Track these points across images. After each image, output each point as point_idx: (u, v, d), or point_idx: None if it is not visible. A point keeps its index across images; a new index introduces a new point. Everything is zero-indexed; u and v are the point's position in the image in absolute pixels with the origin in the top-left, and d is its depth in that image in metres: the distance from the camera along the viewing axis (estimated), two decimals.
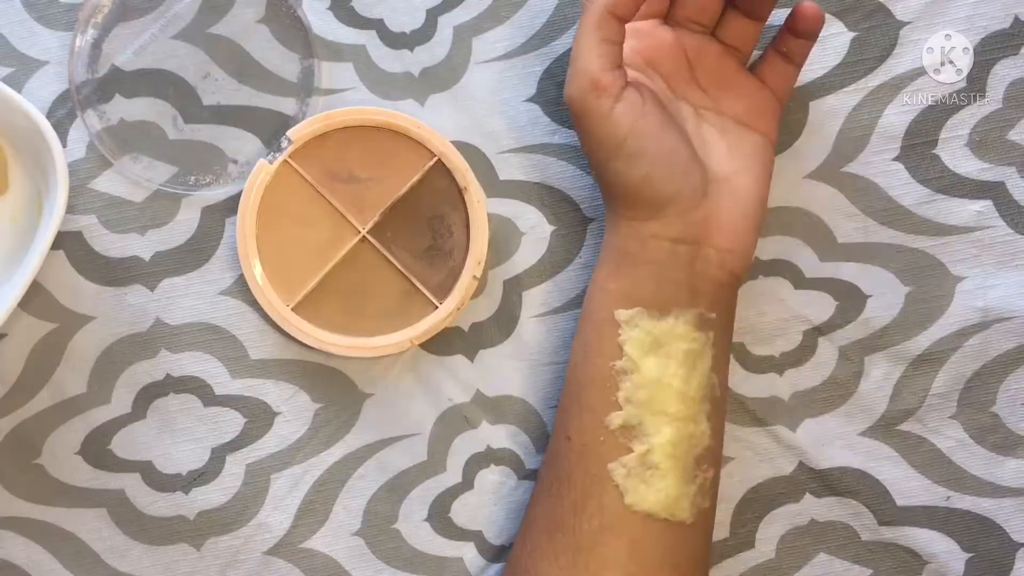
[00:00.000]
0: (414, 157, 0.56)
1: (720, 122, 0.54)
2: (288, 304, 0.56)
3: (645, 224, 0.52)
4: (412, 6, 0.58)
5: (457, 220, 0.56)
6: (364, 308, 0.56)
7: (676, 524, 0.51)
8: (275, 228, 0.56)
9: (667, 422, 0.51)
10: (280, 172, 0.56)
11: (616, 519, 0.50)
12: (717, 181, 0.52)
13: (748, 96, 0.54)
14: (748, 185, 0.53)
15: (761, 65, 0.55)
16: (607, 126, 0.51)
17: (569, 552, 0.51)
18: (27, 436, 0.57)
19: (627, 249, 0.53)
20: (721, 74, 0.54)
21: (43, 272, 0.57)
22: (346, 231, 0.56)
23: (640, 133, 0.51)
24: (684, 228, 0.52)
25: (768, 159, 0.54)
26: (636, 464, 0.50)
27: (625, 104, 0.51)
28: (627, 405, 0.51)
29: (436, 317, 0.56)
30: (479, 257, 0.56)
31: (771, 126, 0.54)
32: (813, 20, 0.52)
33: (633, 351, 0.51)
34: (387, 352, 0.56)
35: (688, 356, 0.51)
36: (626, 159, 0.51)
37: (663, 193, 0.51)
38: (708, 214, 0.52)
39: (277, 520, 0.58)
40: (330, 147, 0.56)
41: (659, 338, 0.51)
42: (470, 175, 0.56)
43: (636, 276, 0.52)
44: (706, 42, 0.54)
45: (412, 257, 0.56)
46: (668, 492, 0.50)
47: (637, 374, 0.51)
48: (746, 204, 0.53)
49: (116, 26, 0.57)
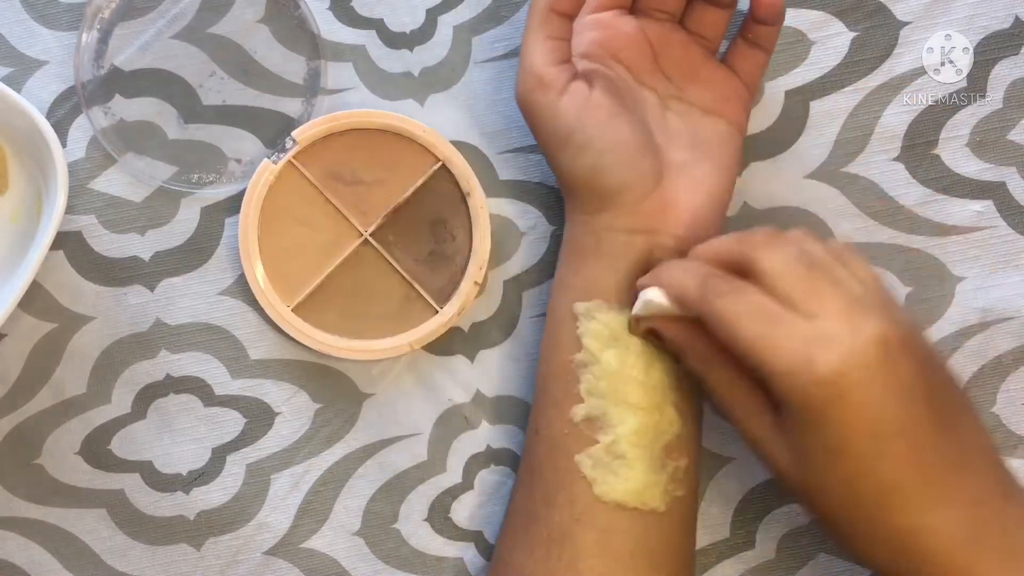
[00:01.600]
0: (418, 161, 0.56)
1: (685, 110, 0.54)
2: (289, 305, 0.56)
3: (597, 216, 0.52)
4: (412, 6, 0.58)
5: (459, 225, 0.56)
6: (364, 311, 0.56)
7: (647, 513, 0.51)
8: (277, 228, 0.56)
9: (630, 412, 0.51)
10: (283, 172, 0.56)
11: (586, 510, 0.51)
12: (674, 168, 0.52)
13: (715, 84, 0.54)
14: (708, 172, 0.53)
15: (730, 53, 0.55)
16: (554, 120, 0.51)
17: (543, 544, 0.51)
18: (27, 436, 0.57)
19: (583, 244, 0.53)
20: (686, 62, 0.54)
21: (43, 272, 0.57)
22: (348, 233, 0.56)
23: (585, 125, 0.51)
24: (636, 218, 0.52)
25: (734, 146, 0.54)
26: (603, 454, 0.51)
27: (570, 97, 0.51)
28: (589, 397, 0.51)
29: (436, 322, 0.56)
30: (481, 263, 0.56)
31: (739, 113, 0.54)
32: (769, 7, 0.52)
33: (591, 343, 0.51)
34: (386, 355, 0.56)
35: (647, 346, 0.51)
36: (573, 151, 0.51)
37: (611, 184, 0.52)
38: (663, 203, 0.52)
39: (277, 520, 0.58)
40: (334, 149, 0.56)
41: (616, 330, 0.51)
42: (474, 180, 0.56)
43: (594, 270, 0.52)
44: (671, 30, 0.54)
45: (414, 261, 0.56)
46: (636, 481, 0.50)
47: (596, 366, 0.51)
48: (705, 190, 0.53)
49: (117, 25, 0.57)
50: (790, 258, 0.45)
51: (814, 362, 0.42)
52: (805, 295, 0.44)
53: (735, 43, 0.55)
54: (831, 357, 0.42)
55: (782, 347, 0.43)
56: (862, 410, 0.42)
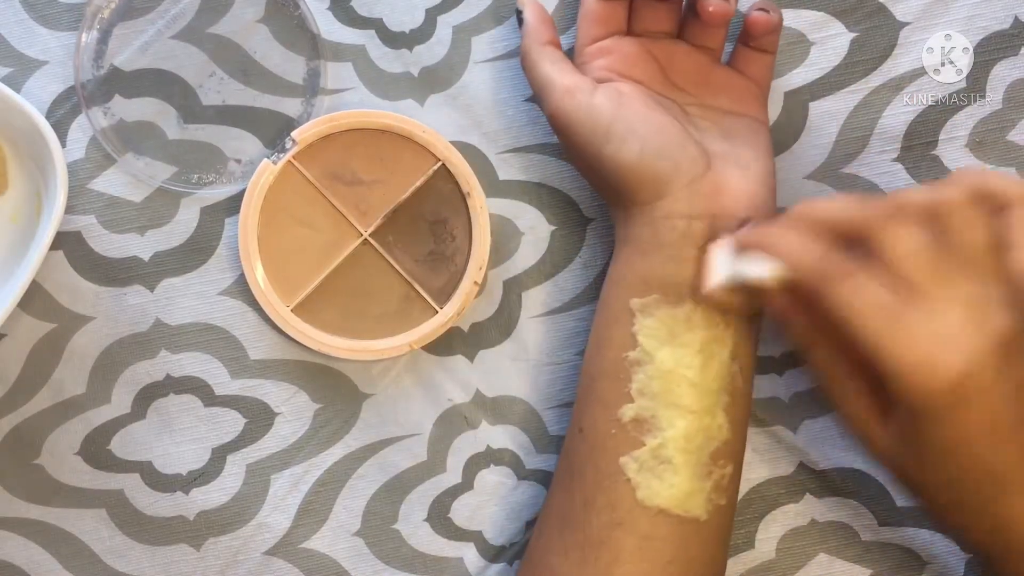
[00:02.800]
0: (418, 161, 0.56)
1: (708, 113, 0.54)
2: (288, 305, 0.56)
3: (654, 205, 0.51)
4: (411, 5, 0.58)
5: (459, 225, 0.56)
6: (364, 311, 0.56)
7: (689, 521, 0.50)
8: (277, 229, 0.56)
9: (681, 415, 0.49)
10: (283, 172, 0.56)
11: (627, 514, 0.49)
12: (719, 156, 0.52)
13: (728, 87, 0.54)
14: (751, 157, 0.52)
15: (734, 59, 0.55)
16: (590, 119, 0.51)
17: (579, 548, 0.50)
18: (26, 436, 0.57)
19: (640, 236, 0.52)
20: (696, 72, 0.54)
21: (42, 272, 0.57)
22: (348, 233, 0.56)
23: (624, 115, 0.51)
24: (695, 201, 0.50)
25: (765, 137, 0.54)
26: (648, 458, 0.49)
27: (602, 94, 0.51)
28: (640, 397, 0.50)
29: (436, 321, 0.56)
30: (480, 262, 0.56)
31: (758, 110, 0.54)
32: (763, 28, 0.53)
33: (647, 341, 0.50)
34: (386, 355, 0.56)
35: (705, 344, 0.50)
36: (618, 142, 0.50)
37: (662, 168, 0.50)
38: (717, 185, 0.51)
39: (277, 520, 0.58)
40: (334, 149, 0.56)
41: (675, 327, 0.50)
42: (473, 180, 0.56)
43: (651, 262, 0.51)
44: (672, 44, 0.55)
45: (413, 261, 0.56)
46: (681, 487, 0.49)
47: (651, 365, 0.50)
48: (755, 173, 0.52)
49: (117, 25, 0.57)
50: (918, 244, 0.43)
51: (937, 366, 0.41)
52: (929, 286, 0.42)
53: (738, 50, 0.55)
54: (954, 360, 0.41)
55: (904, 347, 0.42)
56: (982, 413, 0.42)
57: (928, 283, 0.43)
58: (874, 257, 0.44)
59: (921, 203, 0.44)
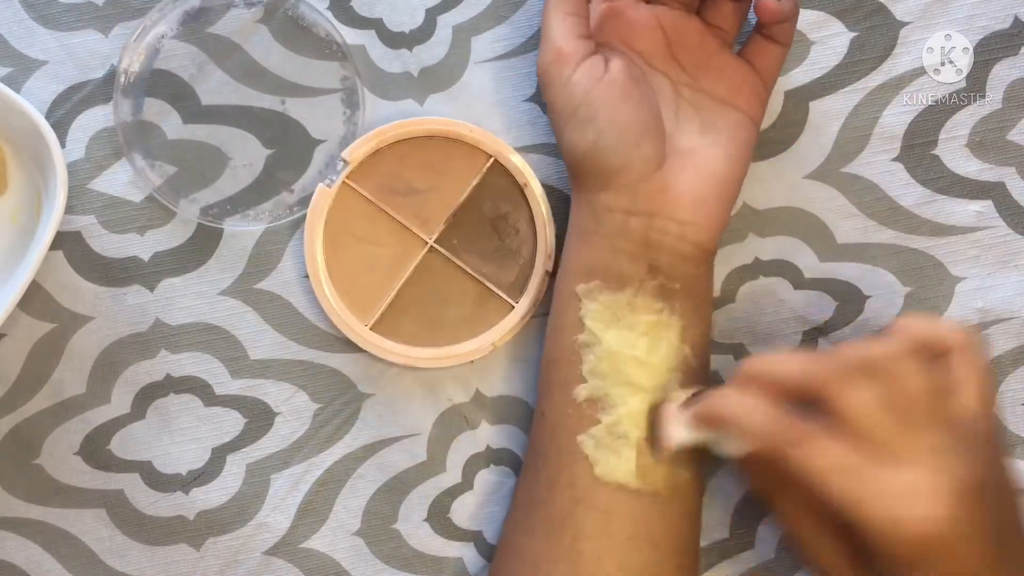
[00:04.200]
0: (470, 161, 0.56)
1: (697, 98, 0.54)
2: (366, 324, 0.56)
3: (598, 196, 0.52)
4: (411, 6, 0.58)
5: (521, 217, 0.57)
6: (441, 317, 0.57)
7: (649, 495, 0.50)
8: (342, 250, 0.56)
9: (633, 392, 0.51)
10: (339, 194, 0.56)
11: (587, 491, 0.51)
12: (680, 154, 0.52)
13: (728, 74, 0.54)
14: (715, 158, 0.52)
15: (746, 48, 0.55)
16: (563, 93, 0.52)
17: (544, 525, 0.51)
18: (26, 436, 0.57)
19: (585, 225, 0.53)
20: (700, 51, 0.54)
21: (42, 272, 0.57)
22: (413, 243, 0.56)
23: (592, 101, 0.51)
24: (635, 199, 0.52)
25: (746, 137, 0.53)
26: (604, 435, 0.51)
27: (583, 72, 0.51)
28: (591, 377, 0.51)
29: (515, 316, 0.56)
30: (549, 251, 0.56)
31: (753, 105, 0.54)
32: (771, 15, 0.52)
33: (593, 324, 0.52)
34: (471, 358, 0.56)
35: (650, 327, 0.51)
36: (576, 126, 0.52)
37: (611, 162, 0.52)
38: (664, 186, 0.52)
39: (277, 520, 0.58)
40: (385, 162, 0.56)
41: (618, 311, 0.51)
42: (528, 171, 0.56)
43: (594, 250, 0.52)
44: (686, 19, 0.54)
45: (482, 260, 0.57)
46: (637, 462, 0.50)
47: (599, 346, 0.51)
48: (710, 177, 0.52)
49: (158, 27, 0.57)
50: (871, 400, 0.44)
51: (901, 522, 0.42)
52: (889, 441, 0.43)
53: (752, 38, 0.55)
54: (917, 515, 0.42)
55: (873, 505, 0.43)
56: (948, 560, 0.43)
57: (887, 438, 0.43)
58: (830, 415, 0.44)
59: (864, 357, 0.45)
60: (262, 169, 0.57)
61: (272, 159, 0.57)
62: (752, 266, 0.57)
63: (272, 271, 0.57)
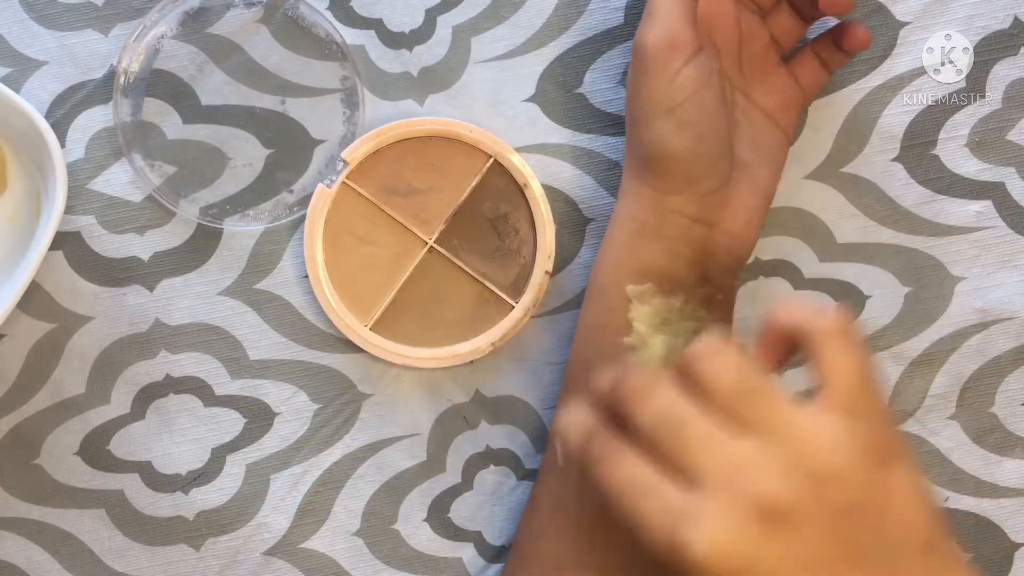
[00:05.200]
0: (470, 161, 0.56)
1: (749, 110, 0.53)
2: (366, 324, 0.56)
3: (668, 197, 0.52)
4: (411, 6, 0.58)
5: (521, 217, 0.57)
6: (441, 317, 0.57)
7: None
8: (342, 251, 0.56)
9: None
10: (339, 195, 0.56)
11: None
12: (739, 168, 0.52)
13: (780, 91, 0.54)
14: (766, 177, 0.53)
15: (796, 62, 0.55)
16: (668, 86, 0.50)
17: (571, 529, 0.51)
18: (26, 436, 0.57)
19: (645, 220, 0.52)
20: (762, 61, 0.54)
21: (42, 272, 0.57)
22: (413, 244, 0.56)
23: (698, 104, 0.50)
24: (703, 208, 0.52)
25: (784, 156, 0.54)
26: None
27: (694, 69, 0.50)
28: None
29: (514, 316, 0.56)
30: (548, 251, 0.56)
31: (793, 123, 0.54)
32: (861, 43, 0.52)
33: (643, 328, 0.50)
34: (470, 358, 0.56)
35: (696, 334, 0.50)
36: (675, 124, 0.50)
37: (697, 170, 0.51)
38: (726, 199, 0.52)
39: (276, 520, 0.58)
40: (384, 162, 0.56)
41: (668, 316, 0.50)
42: (528, 171, 0.56)
43: (650, 249, 0.52)
44: (759, 25, 0.54)
45: (482, 260, 0.57)
46: None
47: (644, 351, 0.50)
48: (763, 194, 0.53)
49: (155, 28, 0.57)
50: (663, 414, 0.39)
51: (678, 545, 0.37)
52: (680, 458, 0.38)
53: (805, 54, 0.55)
54: (695, 538, 0.37)
55: (649, 523, 0.38)
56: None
57: (679, 455, 0.38)
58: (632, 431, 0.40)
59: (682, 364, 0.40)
60: (262, 169, 0.57)
61: (272, 159, 0.57)
62: (752, 266, 0.57)
63: (272, 271, 0.57)
